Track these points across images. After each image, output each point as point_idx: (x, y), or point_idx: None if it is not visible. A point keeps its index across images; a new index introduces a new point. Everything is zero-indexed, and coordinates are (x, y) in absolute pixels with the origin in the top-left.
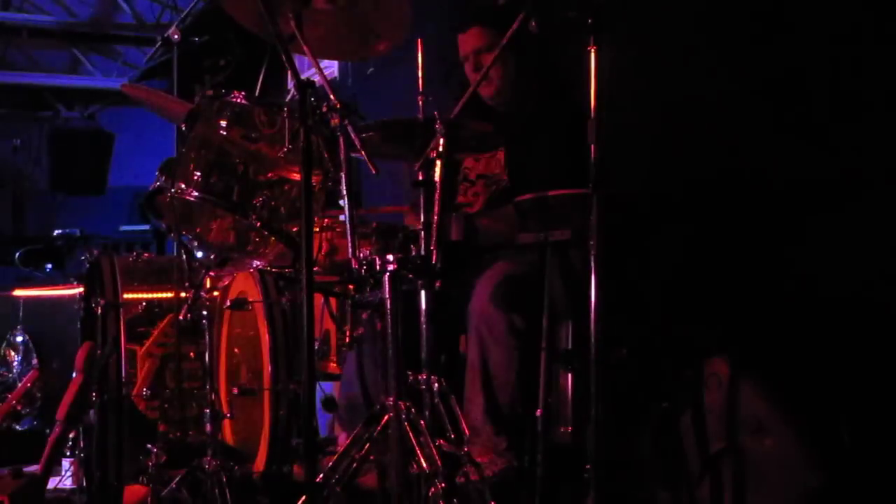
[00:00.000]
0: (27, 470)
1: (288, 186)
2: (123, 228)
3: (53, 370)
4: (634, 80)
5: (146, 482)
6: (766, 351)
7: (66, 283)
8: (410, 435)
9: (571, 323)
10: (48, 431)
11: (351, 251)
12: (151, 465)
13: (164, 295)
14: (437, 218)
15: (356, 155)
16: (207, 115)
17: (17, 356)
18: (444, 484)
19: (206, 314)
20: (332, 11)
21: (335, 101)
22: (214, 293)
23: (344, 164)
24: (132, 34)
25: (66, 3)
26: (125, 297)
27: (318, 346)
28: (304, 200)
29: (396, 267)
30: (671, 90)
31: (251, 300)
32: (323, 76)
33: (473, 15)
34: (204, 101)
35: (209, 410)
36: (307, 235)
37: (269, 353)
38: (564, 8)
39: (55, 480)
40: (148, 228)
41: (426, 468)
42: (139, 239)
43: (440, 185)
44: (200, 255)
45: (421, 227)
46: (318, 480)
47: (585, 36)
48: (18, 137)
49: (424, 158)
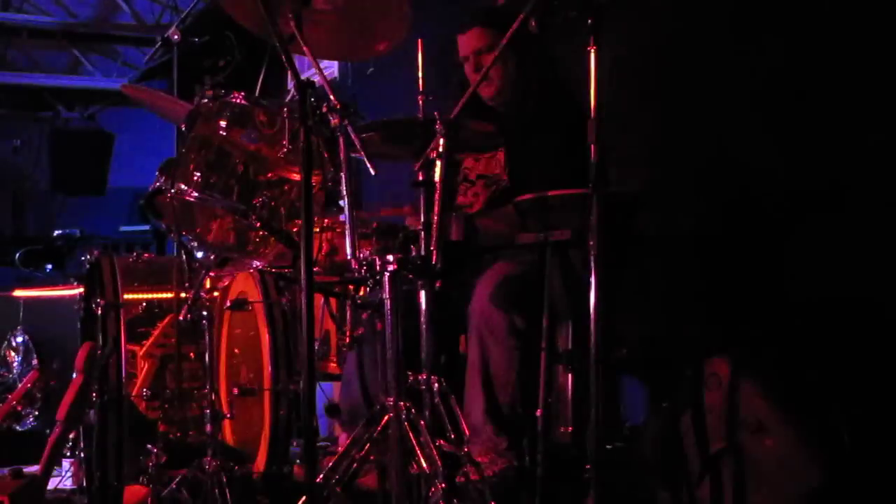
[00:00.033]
0: (27, 470)
1: (288, 187)
2: (123, 229)
3: (53, 370)
4: (634, 79)
5: (146, 482)
6: (766, 351)
7: (66, 283)
8: (410, 435)
9: (571, 323)
10: (48, 432)
11: (350, 251)
12: (151, 465)
13: (164, 295)
14: (437, 218)
15: (356, 155)
16: (207, 115)
17: (17, 357)
18: (444, 484)
19: (206, 314)
20: (331, 11)
21: (335, 101)
22: (214, 293)
23: (344, 164)
24: (132, 34)
25: (65, 3)
26: (125, 297)
27: (318, 346)
28: (304, 201)
29: (396, 267)
30: (671, 90)
31: (251, 300)
32: (323, 76)
33: (474, 16)
34: (204, 101)
35: (209, 411)
36: (307, 236)
37: (269, 353)
38: (564, 8)
39: (55, 481)
40: (148, 229)
41: (426, 468)
42: (139, 239)
43: (440, 185)
44: (200, 255)
45: (421, 227)
46: (318, 481)
47: (585, 36)
48: (18, 138)
49: (424, 159)
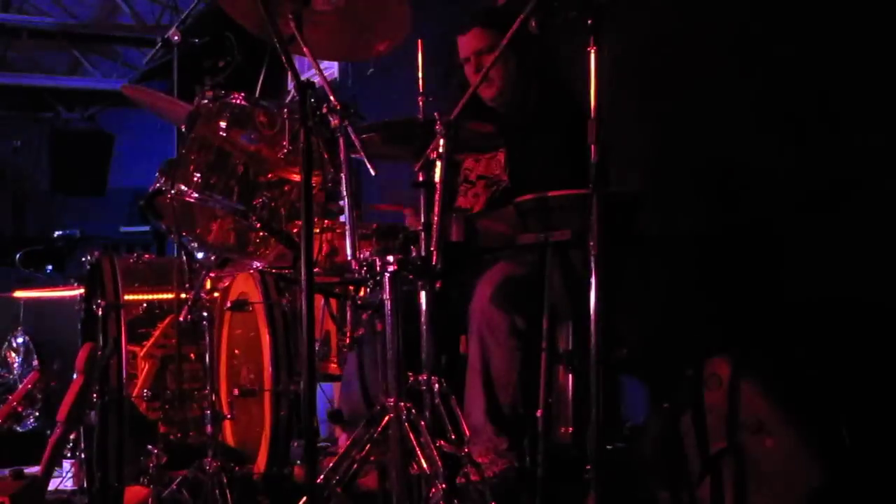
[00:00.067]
0: (28, 471)
1: (288, 187)
2: (124, 229)
3: (54, 371)
4: (634, 79)
5: (147, 483)
6: (766, 351)
7: (66, 284)
8: (411, 436)
9: (572, 323)
10: (49, 433)
11: (351, 252)
12: (152, 466)
13: (164, 296)
14: (437, 219)
15: (356, 156)
16: (207, 116)
17: (17, 357)
18: (444, 485)
19: (206, 315)
20: (331, 12)
21: (335, 101)
22: (215, 294)
23: (344, 164)
24: (132, 35)
25: (66, 4)
26: (126, 298)
27: (318, 347)
28: (304, 202)
29: (397, 268)
30: (672, 90)
31: (252, 301)
32: (323, 77)
33: (474, 16)
34: (204, 102)
35: (210, 411)
36: (307, 236)
37: (269, 354)
38: (564, 8)
39: (56, 482)
40: (148, 229)
41: (427, 469)
42: (139, 240)
43: (440, 185)
44: (201, 256)
45: (421, 228)
46: (318, 481)
47: (585, 36)
48: (19, 138)
49: (425, 159)
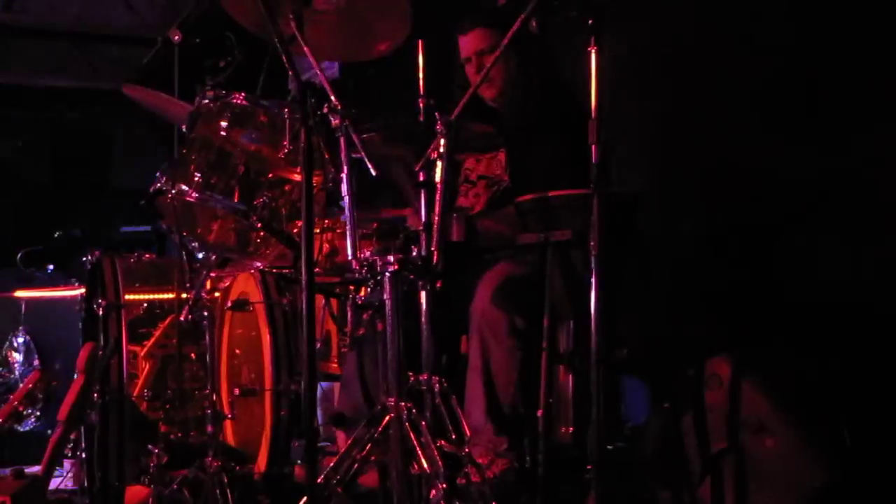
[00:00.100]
0: (29, 471)
1: (289, 187)
2: (124, 229)
3: (55, 371)
4: (634, 79)
5: (148, 483)
6: (767, 351)
7: (67, 284)
8: (411, 435)
9: (572, 323)
10: (50, 432)
11: (351, 252)
12: (153, 465)
13: (165, 296)
14: (437, 219)
15: (357, 156)
16: (208, 116)
17: (18, 357)
18: (445, 485)
19: (207, 315)
20: (332, 12)
21: (336, 101)
22: (215, 294)
23: (345, 164)
24: (133, 34)
25: (66, 2)
26: (126, 298)
27: (319, 346)
28: (304, 201)
29: (397, 268)
30: (672, 90)
31: (252, 301)
32: (323, 77)
33: (475, 16)
34: (204, 101)
35: (210, 411)
36: (308, 236)
37: (270, 353)
38: (565, 8)
39: (57, 481)
40: (149, 229)
41: (427, 469)
42: (140, 240)
43: (441, 185)
44: (201, 255)
45: (422, 227)
46: (319, 481)
47: (586, 36)
48: (19, 138)
49: (425, 159)
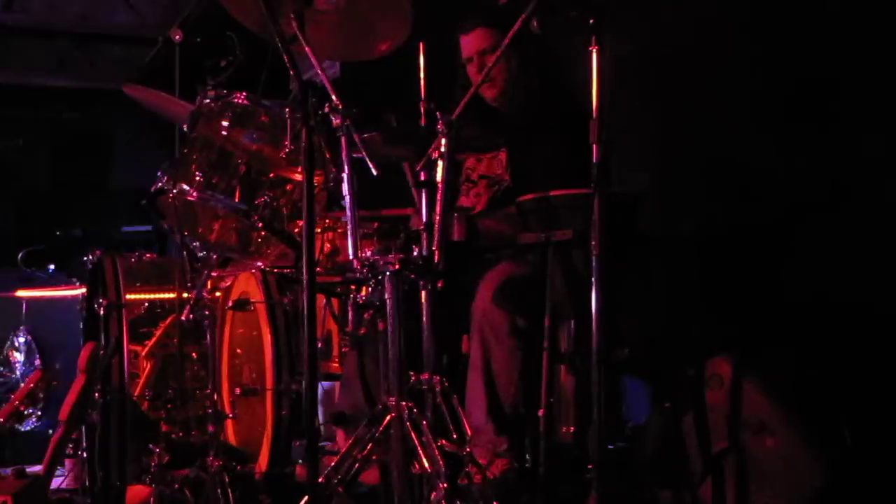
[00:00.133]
0: (30, 470)
1: (290, 187)
2: (125, 229)
3: (56, 371)
4: (635, 79)
5: (149, 482)
6: (767, 351)
7: (68, 283)
8: (413, 435)
9: (573, 323)
10: (51, 432)
11: (352, 252)
12: (154, 465)
13: (166, 295)
14: (439, 218)
15: (357, 155)
16: (209, 115)
17: (19, 357)
18: (446, 484)
19: (208, 315)
20: (333, 11)
21: (337, 101)
22: (216, 294)
23: (346, 164)
24: (133, 34)
25: (66, 2)
26: (127, 297)
27: (320, 346)
28: (306, 201)
29: (398, 267)
30: (673, 90)
31: (253, 301)
32: (325, 76)
33: (476, 16)
34: (206, 101)
35: (211, 411)
36: (309, 236)
37: (271, 353)
38: (565, 8)
39: (58, 481)
40: (150, 229)
41: (428, 469)
42: (141, 239)
43: (442, 185)
44: (202, 255)
45: (423, 227)
46: (320, 481)
47: (586, 36)
48: (19, 138)
49: (426, 159)
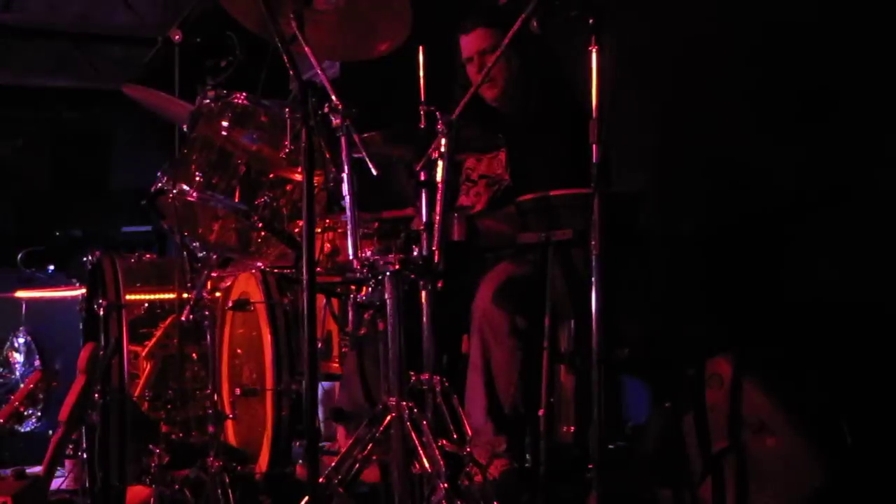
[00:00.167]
0: (30, 471)
1: (290, 187)
2: (125, 229)
3: (56, 371)
4: (635, 79)
5: (149, 483)
6: (768, 350)
7: (68, 284)
8: (413, 435)
9: (573, 323)
10: (51, 433)
11: (352, 252)
12: (154, 465)
13: (166, 296)
14: (439, 218)
15: (358, 155)
16: (209, 115)
17: (19, 357)
18: (446, 484)
19: (208, 315)
20: (332, 11)
21: (337, 101)
22: (216, 294)
23: (346, 164)
24: (133, 34)
25: (66, 2)
26: (127, 298)
27: (320, 346)
28: (306, 201)
29: (398, 267)
30: (673, 90)
31: (253, 301)
32: (324, 76)
33: (477, 16)
34: (205, 101)
35: (212, 411)
36: (309, 236)
37: (271, 353)
38: (565, 7)
39: (58, 482)
40: (150, 229)
41: (429, 469)
42: (141, 240)
43: (442, 185)
44: (202, 255)
45: (423, 227)
46: (320, 481)
47: (586, 36)
48: (19, 138)
49: (426, 159)
